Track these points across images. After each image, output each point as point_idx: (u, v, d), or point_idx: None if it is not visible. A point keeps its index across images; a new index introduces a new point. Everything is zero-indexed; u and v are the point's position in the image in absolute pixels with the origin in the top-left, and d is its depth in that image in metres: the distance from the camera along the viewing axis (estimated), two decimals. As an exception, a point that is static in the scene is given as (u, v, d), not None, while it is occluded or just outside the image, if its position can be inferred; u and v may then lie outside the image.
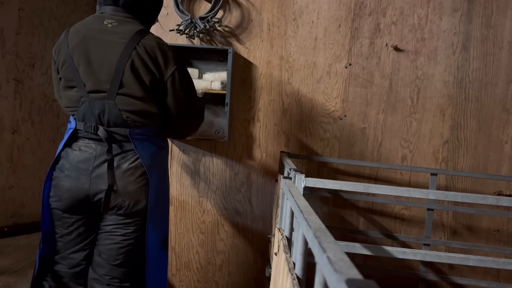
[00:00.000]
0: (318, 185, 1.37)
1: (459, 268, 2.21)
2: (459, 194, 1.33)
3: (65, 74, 1.41)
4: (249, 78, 2.21)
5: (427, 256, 1.21)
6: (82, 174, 1.39)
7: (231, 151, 2.24)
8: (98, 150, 1.40)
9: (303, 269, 0.82)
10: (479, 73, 2.18)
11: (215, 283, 2.29)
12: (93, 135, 1.40)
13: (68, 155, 1.42)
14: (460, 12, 2.15)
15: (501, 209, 2.09)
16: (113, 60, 1.36)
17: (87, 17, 1.46)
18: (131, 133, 1.41)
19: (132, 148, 1.42)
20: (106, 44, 1.37)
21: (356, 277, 0.45)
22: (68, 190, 1.40)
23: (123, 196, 1.40)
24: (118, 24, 1.39)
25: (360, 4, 2.17)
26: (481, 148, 2.20)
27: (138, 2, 1.46)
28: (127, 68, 1.36)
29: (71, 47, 1.39)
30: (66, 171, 1.41)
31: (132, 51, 1.36)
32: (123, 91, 1.38)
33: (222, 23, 2.18)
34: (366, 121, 2.21)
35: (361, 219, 2.24)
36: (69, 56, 1.38)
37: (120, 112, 1.39)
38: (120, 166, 1.40)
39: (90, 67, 1.38)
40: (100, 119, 1.39)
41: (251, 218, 2.26)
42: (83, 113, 1.41)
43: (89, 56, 1.38)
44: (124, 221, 1.44)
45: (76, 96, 1.41)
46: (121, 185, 1.40)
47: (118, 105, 1.38)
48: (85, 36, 1.38)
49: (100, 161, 1.39)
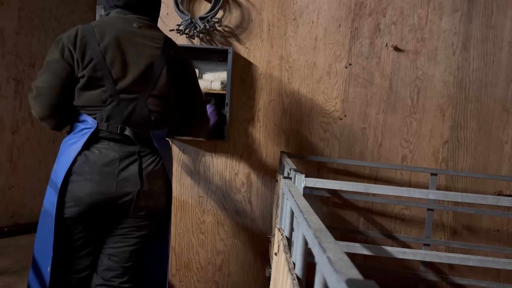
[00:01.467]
0: (318, 185, 1.37)
1: (459, 268, 2.21)
2: (459, 194, 1.33)
3: (91, 72, 1.35)
4: (249, 78, 2.21)
5: (427, 256, 1.21)
6: (108, 177, 1.35)
7: (231, 151, 2.24)
8: (122, 152, 1.38)
9: (303, 269, 0.82)
10: (479, 73, 2.18)
11: (215, 283, 2.29)
12: (116, 135, 1.38)
13: (88, 158, 1.35)
14: (460, 12, 2.15)
15: (501, 209, 2.09)
16: (150, 62, 1.41)
17: (107, 17, 1.46)
18: (153, 134, 1.44)
19: (154, 149, 1.44)
20: (142, 47, 1.41)
21: (356, 277, 0.45)
22: (89, 194, 1.34)
23: (148, 198, 1.41)
24: (146, 28, 1.44)
25: (360, 4, 2.17)
26: (481, 148, 2.20)
27: (155, 9, 1.54)
28: (163, 72, 1.43)
29: (103, 45, 1.36)
30: (87, 175, 1.35)
31: (168, 57, 1.44)
32: (156, 92, 1.42)
33: (222, 23, 2.18)
34: (366, 121, 2.21)
35: (361, 219, 2.24)
36: (100, 55, 1.35)
37: (149, 113, 1.41)
38: (147, 168, 1.41)
39: (125, 67, 1.38)
40: (128, 119, 1.38)
41: (251, 218, 2.26)
42: (109, 113, 1.37)
43: (125, 56, 1.38)
44: (140, 223, 1.44)
45: (104, 95, 1.37)
46: (148, 187, 1.40)
47: (149, 106, 1.41)
48: (119, 36, 1.38)
49: (126, 163, 1.37)
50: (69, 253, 1.41)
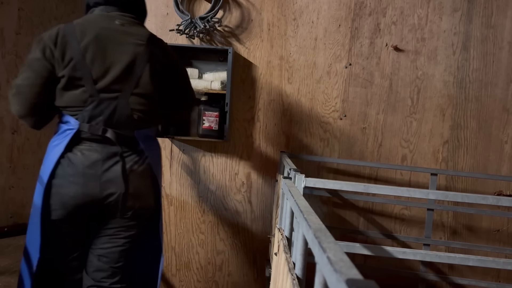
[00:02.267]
0: (318, 185, 1.37)
1: (459, 268, 2.21)
2: (459, 194, 1.33)
3: (71, 72, 1.33)
4: (249, 78, 2.21)
5: (427, 256, 1.21)
6: (91, 180, 1.34)
7: (231, 151, 2.24)
8: (105, 153, 1.36)
9: (303, 269, 0.82)
10: (479, 73, 2.18)
11: (215, 283, 2.29)
12: (98, 137, 1.36)
13: (71, 161, 1.34)
14: (460, 12, 2.15)
15: (501, 209, 2.09)
16: (132, 60, 1.38)
17: (89, 15, 1.44)
18: (138, 134, 1.41)
19: (139, 149, 1.42)
20: (124, 44, 1.38)
21: (356, 277, 0.45)
22: (74, 197, 1.34)
23: (134, 199, 1.40)
24: (129, 25, 1.42)
25: (360, 4, 2.17)
26: (481, 148, 2.20)
27: (139, 5, 1.52)
28: (146, 69, 1.40)
29: (83, 44, 1.33)
30: (70, 178, 1.33)
31: (151, 54, 1.42)
32: (138, 90, 1.40)
33: (222, 23, 2.18)
34: (366, 121, 2.21)
35: (361, 219, 2.24)
36: (80, 54, 1.33)
37: (132, 112, 1.39)
38: (132, 168, 1.39)
39: (105, 65, 1.36)
40: (109, 119, 1.36)
41: (251, 218, 2.26)
42: (91, 114, 1.35)
43: (106, 54, 1.36)
44: (128, 223, 1.43)
45: (83, 95, 1.35)
46: (133, 187, 1.39)
47: (131, 104, 1.39)
48: (100, 35, 1.36)
49: (109, 164, 1.35)
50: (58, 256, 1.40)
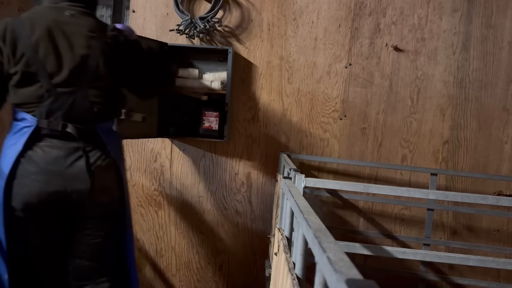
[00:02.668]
0: (318, 185, 1.38)
1: (459, 268, 2.21)
2: (459, 194, 1.33)
3: (24, 68, 1.29)
4: (249, 78, 2.21)
5: (427, 256, 1.21)
6: (54, 176, 1.30)
7: (231, 151, 2.24)
8: (66, 149, 1.32)
9: (303, 269, 0.82)
10: (479, 73, 2.18)
11: (215, 283, 2.29)
12: (58, 132, 1.32)
13: (32, 158, 1.29)
14: (460, 12, 2.15)
15: (501, 209, 2.09)
16: (85, 53, 1.34)
17: (38, 7, 1.38)
18: (99, 127, 1.39)
19: (101, 143, 1.39)
20: (76, 37, 1.33)
21: (356, 277, 0.45)
22: (37, 195, 1.29)
23: (101, 194, 1.37)
24: (80, 16, 1.36)
25: (360, 4, 2.17)
26: (481, 148, 2.20)
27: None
28: (101, 62, 1.36)
29: (34, 39, 1.29)
30: (32, 176, 1.29)
31: (105, 44, 1.37)
32: (96, 83, 1.37)
33: (222, 23, 2.18)
34: (366, 121, 2.21)
35: (361, 219, 2.24)
36: (31, 49, 1.28)
37: (91, 105, 1.36)
38: (96, 163, 1.36)
39: (59, 59, 1.32)
40: (68, 113, 1.32)
41: (251, 218, 2.26)
42: (48, 109, 1.31)
43: (58, 48, 1.31)
44: (102, 219, 1.42)
45: (39, 91, 1.31)
46: (99, 183, 1.36)
47: (90, 97, 1.36)
48: (51, 28, 1.31)
49: (71, 160, 1.32)
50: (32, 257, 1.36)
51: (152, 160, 2.27)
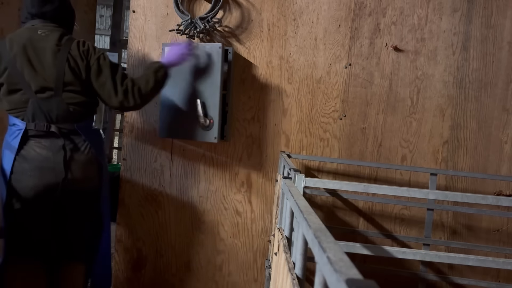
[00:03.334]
0: (318, 185, 1.38)
1: (459, 268, 2.22)
2: (459, 194, 1.33)
3: (8, 79, 1.59)
4: (249, 78, 2.21)
5: (427, 256, 1.21)
6: (46, 171, 1.59)
7: (231, 151, 2.24)
8: (53, 147, 1.61)
9: (303, 269, 0.82)
10: (479, 73, 2.18)
11: (215, 283, 2.29)
12: (44, 133, 1.60)
13: (26, 158, 1.59)
14: (460, 12, 2.16)
15: (501, 209, 2.09)
16: (53, 62, 1.61)
17: (19, 29, 1.69)
18: (79, 126, 1.66)
19: (81, 139, 1.67)
20: (44, 50, 1.61)
21: (356, 277, 0.45)
22: (33, 188, 1.59)
23: (84, 183, 1.68)
24: (50, 33, 1.65)
25: (360, 4, 2.17)
26: (481, 148, 2.20)
27: (61, 15, 1.74)
28: (66, 68, 1.62)
29: (12, 54, 1.59)
30: (28, 172, 1.58)
31: (67, 54, 1.63)
32: (67, 87, 1.63)
33: (222, 23, 2.18)
34: (366, 121, 2.21)
35: (361, 219, 2.24)
36: (11, 63, 1.58)
37: (67, 106, 1.63)
38: (78, 157, 1.66)
39: (33, 70, 1.59)
40: (49, 115, 1.60)
41: (251, 218, 2.26)
42: (32, 113, 1.59)
43: (31, 61, 1.59)
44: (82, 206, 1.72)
45: (23, 97, 1.59)
46: (82, 174, 1.66)
47: (65, 99, 1.63)
48: (24, 45, 1.59)
49: (59, 156, 1.61)
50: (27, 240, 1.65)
51: (152, 160, 2.27)
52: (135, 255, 2.31)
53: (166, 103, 2.10)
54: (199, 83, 2.05)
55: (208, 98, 2.02)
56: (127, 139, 2.29)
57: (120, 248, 2.31)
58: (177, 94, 2.09)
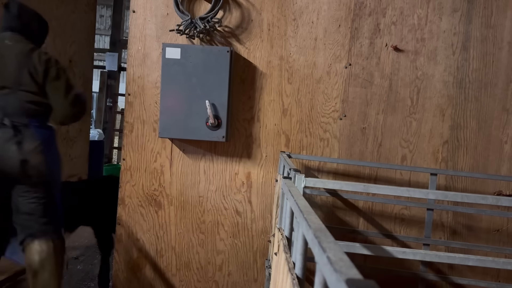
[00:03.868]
0: (318, 185, 1.37)
1: (459, 268, 2.22)
2: (459, 194, 1.33)
3: None
4: (249, 78, 2.22)
5: (427, 256, 1.21)
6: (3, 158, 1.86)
7: (231, 151, 2.24)
8: (8, 138, 1.87)
9: (303, 269, 0.82)
10: (479, 73, 2.18)
11: (215, 283, 2.29)
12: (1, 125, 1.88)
13: None
14: (460, 12, 2.16)
15: (501, 209, 2.10)
16: (15, 66, 1.91)
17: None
18: (31, 121, 1.94)
19: (31, 133, 1.92)
20: (8, 56, 1.92)
21: (356, 277, 0.45)
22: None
23: (31, 169, 1.92)
24: (16, 43, 1.96)
25: (360, 4, 2.17)
26: (481, 148, 2.20)
27: (27, 29, 2.03)
28: (25, 72, 1.92)
29: None
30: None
31: (28, 61, 1.93)
32: (23, 88, 1.92)
33: (222, 23, 2.18)
34: (366, 121, 2.21)
35: (361, 219, 2.24)
36: None
37: (22, 104, 1.92)
38: (27, 147, 1.90)
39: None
40: (5, 110, 1.89)
41: (251, 218, 2.26)
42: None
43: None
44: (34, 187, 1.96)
45: None
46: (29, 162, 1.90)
47: (21, 97, 1.92)
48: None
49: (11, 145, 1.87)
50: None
51: (152, 160, 2.27)
52: (135, 255, 2.31)
53: (167, 104, 2.10)
54: (207, 85, 2.08)
55: (216, 99, 2.08)
56: (127, 139, 2.29)
57: (120, 248, 2.31)
58: (179, 95, 2.09)
